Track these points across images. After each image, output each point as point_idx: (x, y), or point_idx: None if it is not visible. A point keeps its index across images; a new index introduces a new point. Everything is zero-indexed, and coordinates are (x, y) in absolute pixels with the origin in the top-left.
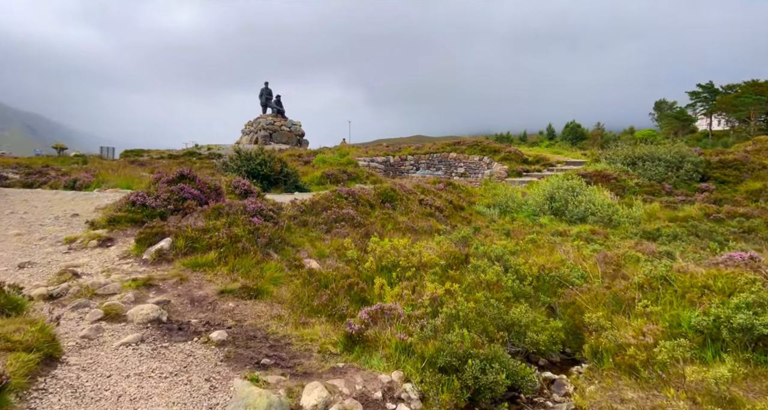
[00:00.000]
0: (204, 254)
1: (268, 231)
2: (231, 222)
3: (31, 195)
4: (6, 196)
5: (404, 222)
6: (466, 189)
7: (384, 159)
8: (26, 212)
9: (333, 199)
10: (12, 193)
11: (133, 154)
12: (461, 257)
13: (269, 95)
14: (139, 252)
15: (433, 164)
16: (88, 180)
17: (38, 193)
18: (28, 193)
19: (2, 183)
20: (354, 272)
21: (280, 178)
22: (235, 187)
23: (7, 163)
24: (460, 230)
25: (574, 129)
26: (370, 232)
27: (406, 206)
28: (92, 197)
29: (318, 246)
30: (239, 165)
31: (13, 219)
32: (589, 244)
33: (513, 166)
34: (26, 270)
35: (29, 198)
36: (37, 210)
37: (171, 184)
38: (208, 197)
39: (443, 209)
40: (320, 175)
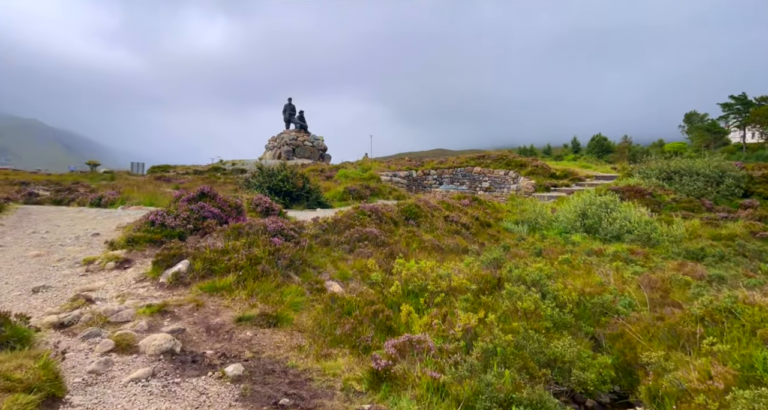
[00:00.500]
0: (222, 277)
1: (288, 252)
2: (251, 242)
3: (55, 213)
4: (30, 215)
5: (429, 241)
6: (492, 204)
7: (406, 173)
8: (48, 231)
9: (356, 216)
10: (36, 211)
11: (160, 169)
12: (493, 281)
13: (293, 111)
14: (156, 275)
15: (456, 178)
16: (113, 197)
17: (62, 211)
18: (51, 212)
19: (33, 200)
20: (379, 297)
21: (302, 194)
22: (257, 205)
23: (38, 180)
24: (491, 251)
25: (600, 142)
26: (394, 252)
27: (431, 223)
28: (115, 215)
29: (341, 267)
30: (261, 181)
31: (34, 239)
32: (629, 266)
33: (540, 180)
34: (40, 295)
35: (52, 217)
36: (58, 230)
37: (191, 203)
38: (228, 216)
39: (469, 226)
40: (342, 191)
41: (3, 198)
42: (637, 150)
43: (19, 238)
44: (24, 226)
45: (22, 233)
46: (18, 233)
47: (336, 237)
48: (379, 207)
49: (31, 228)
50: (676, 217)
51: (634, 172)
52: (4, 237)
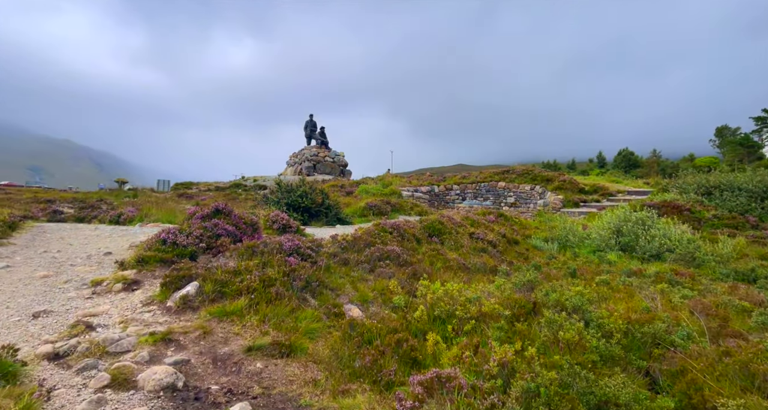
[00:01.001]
0: (233, 300)
1: (305, 273)
2: (265, 262)
3: (70, 232)
4: (44, 234)
5: (455, 260)
6: (519, 221)
7: (428, 189)
8: (60, 251)
9: (376, 233)
10: (52, 229)
11: (183, 186)
12: (528, 306)
13: (314, 127)
14: (164, 298)
15: (480, 194)
16: (131, 214)
17: (78, 229)
18: (67, 230)
19: (57, 217)
20: (402, 323)
21: (321, 210)
22: (273, 222)
23: (64, 198)
24: (522, 271)
25: (627, 156)
26: (417, 272)
27: (455, 240)
28: (130, 233)
29: (360, 288)
30: (280, 197)
31: (45, 259)
32: (676, 288)
33: (568, 195)
34: (40, 321)
35: (67, 235)
36: (71, 249)
37: (205, 220)
38: (243, 233)
39: (496, 244)
40: (363, 207)
41: (19, 216)
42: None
43: (29, 258)
44: (36, 245)
45: (33, 252)
46: (29, 252)
47: (356, 255)
48: (401, 223)
49: (43, 248)
50: (721, 235)
51: (670, 187)
52: (14, 257)
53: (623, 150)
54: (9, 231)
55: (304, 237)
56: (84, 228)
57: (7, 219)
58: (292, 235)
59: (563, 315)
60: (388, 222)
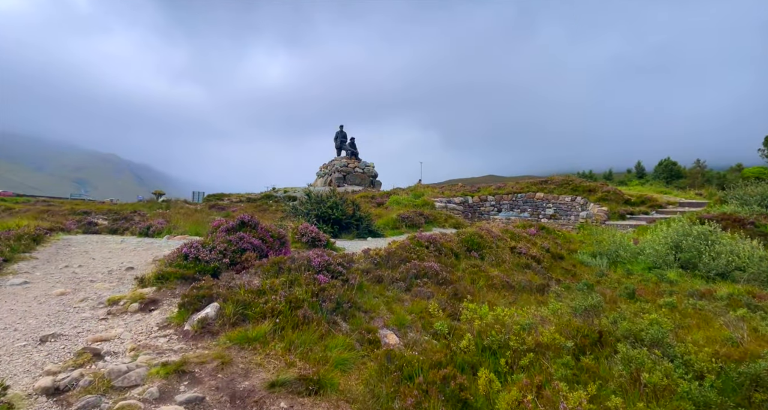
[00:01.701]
0: (256, 324)
1: (335, 293)
2: (292, 280)
3: (95, 245)
4: (69, 247)
5: (498, 277)
6: (562, 234)
7: (462, 199)
8: (81, 265)
9: (412, 247)
10: (78, 242)
11: (215, 198)
12: (593, 336)
13: (344, 138)
14: (181, 321)
15: (517, 205)
16: (160, 226)
17: (104, 242)
18: (92, 243)
19: (91, 229)
20: (446, 354)
21: (352, 222)
22: (302, 235)
23: (100, 210)
24: (584, 295)
25: (669, 166)
26: (458, 291)
27: (496, 255)
28: (155, 246)
29: (396, 310)
30: (309, 208)
31: (64, 275)
32: (757, 314)
33: (613, 207)
34: (47, 346)
35: (91, 248)
36: (93, 264)
37: (230, 233)
38: (270, 248)
39: (540, 259)
40: (395, 218)
41: (46, 228)
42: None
43: (48, 273)
44: (58, 260)
45: (53, 267)
46: (49, 267)
47: (390, 272)
48: (437, 237)
49: (65, 262)
50: None
51: (729, 198)
52: (34, 273)
53: (664, 160)
54: (33, 245)
55: (334, 251)
56: (110, 241)
57: (32, 233)
58: (321, 250)
59: (643, 352)
60: (423, 235)
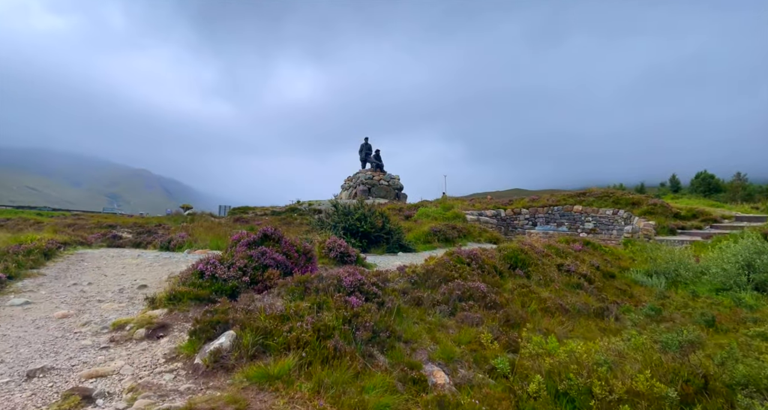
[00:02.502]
0: (279, 358)
1: (371, 319)
2: (320, 303)
3: (110, 260)
4: (81, 262)
5: (550, 299)
6: (609, 250)
7: (494, 212)
8: (90, 283)
9: (452, 265)
10: (92, 257)
11: (240, 211)
12: (697, 382)
13: (368, 150)
14: (192, 352)
15: (553, 218)
16: (181, 240)
17: (121, 256)
18: (107, 258)
19: (115, 243)
20: (511, 400)
21: (381, 235)
22: (330, 249)
23: (126, 223)
24: (683, 332)
25: (706, 179)
26: (510, 317)
27: (543, 273)
28: (173, 261)
29: (441, 340)
30: (336, 221)
31: (71, 294)
32: None
33: (661, 221)
34: (33, 384)
35: (105, 264)
36: (104, 281)
37: (251, 247)
38: (295, 264)
39: (591, 278)
40: (426, 232)
41: (60, 242)
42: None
43: (54, 292)
44: (68, 276)
45: (61, 285)
46: (56, 285)
47: (430, 293)
48: (479, 253)
49: (74, 279)
50: None
51: None
52: (39, 291)
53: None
54: (43, 260)
55: (365, 268)
56: (126, 256)
57: (43, 247)
58: (352, 267)
59: None
60: (463, 250)
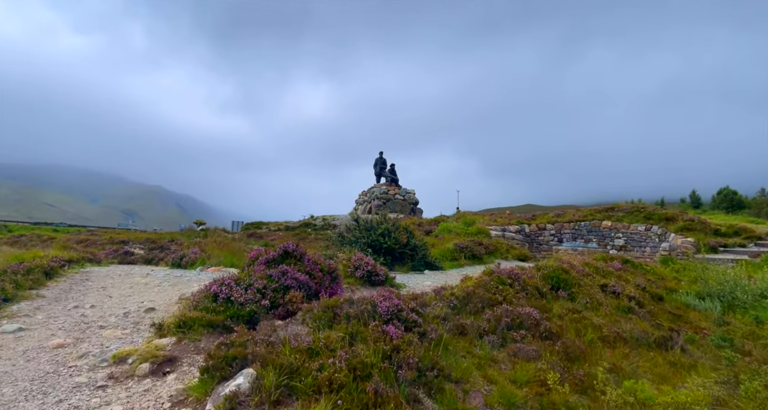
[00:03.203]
0: (308, 404)
1: (414, 354)
2: (353, 334)
3: (117, 279)
4: (86, 282)
5: (605, 326)
6: (651, 269)
7: (518, 228)
8: (93, 306)
9: (493, 286)
10: (97, 276)
11: (253, 226)
12: None
13: (383, 164)
14: (203, 394)
15: (580, 234)
16: (194, 256)
17: (128, 274)
18: (114, 276)
19: (127, 259)
20: None
21: (406, 251)
22: (355, 268)
23: (139, 239)
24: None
25: (729, 196)
26: (569, 349)
27: (589, 296)
28: (185, 280)
29: (496, 378)
30: (358, 236)
31: (71, 318)
32: None
33: (700, 238)
34: None
35: (110, 283)
36: (108, 303)
37: (270, 266)
38: (319, 285)
39: (640, 300)
40: (452, 248)
41: (64, 260)
42: None
43: (52, 316)
44: (69, 298)
45: (60, 308)
46: (56, 308)
47: (474, 320)
48: (519, 272)
49: (75, 301)
50: None
51: None
52: (35, 315)
53: (723, 188)
54: (44, 280)
55: (397, 289)
56: (135, 274)
57: (45, 265)
58: (387, 290)
59: None
60: (502, 270)
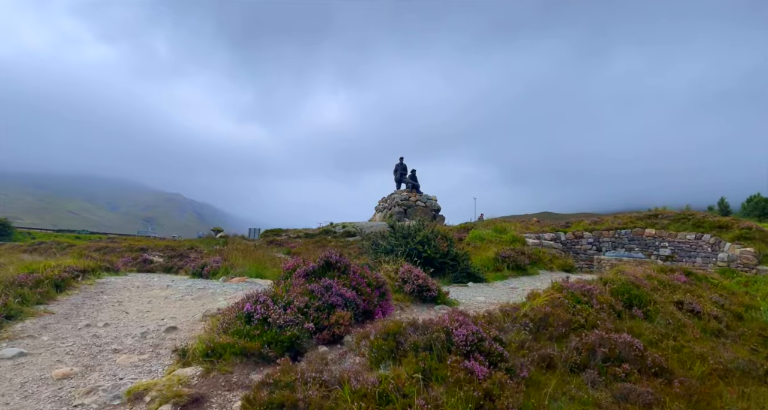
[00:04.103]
0: None
1: (511, 403)
2: (425, 370)
3: (134, 291)
4: (100, 295)
5: (708, 355)
6: (717, 282)
7: (553, 236)
8: (107, 324)
9: (569, 304)
10: (113, 288)
11: (272, 233)
12: None
13: (404, 170)
14: None
15: (620, 243)
16: (216, 265)
17: (147, 286)
18: (131, 288)
19: (146, 267)
20: None
21: (446, 261)
22: (404, 281)
23: (158, 246)
24: None
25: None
26: (692, 392)
27: (668, 314)
28: (209, 292)
29: None
30: (394, 244)
31: (81, 340)
32: None
33: (762, 248)
34: None
35: (128, 296)
36: (124, 320)
37: (310, 279)
38: (368, 302)
39: (729, 323)
40: (492, 257)
41: (77, 270)
42: None
43: (60, 337)
44: (81, 314)
45: (70, 327)
46: (64, 328)
47: (557, 348)
48: (592, 288)
49: (88, 319)
50: None
51: None
52: (41, 336)
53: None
54: (54, 293)
55: (448, 306)
56: (154, 286)
57: (55, 276)
58: (457, 312)
59: None
60: (573, 285)
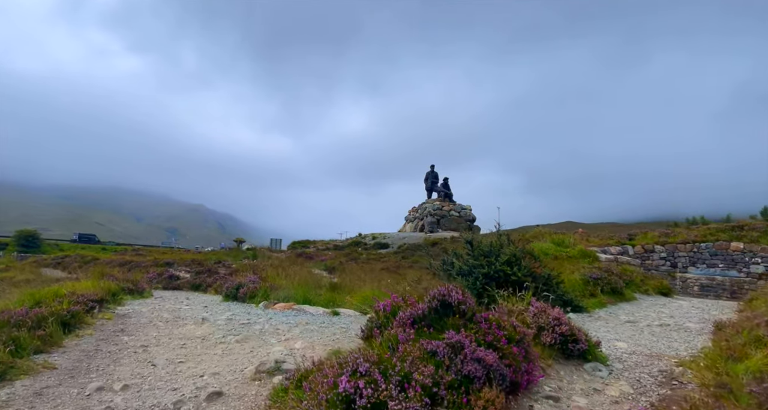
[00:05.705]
0: None
1: None
2: None
3: (161, 329)
4: (119, 336)
5: None
6: None
7: (620, 250)
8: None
9: None
10: (138, 322)
11: (300, 245)
12: None
13: (435, 178)
14: None
15: (701, 258)
16: (253, 287)
17: (178, 319)
18: (159, 324)
19: (172, 284)
20: None
21: (539, 286)
22: (539, 329)
23: (183, 260)
24: None
25: None
26: None
27: None
28: (254, 330)
29: None
30: (473, 264)
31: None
32: None
33: None
34: None
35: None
36: (151, 377)
37: (420, 330)
38: (515, 369)
39: None
40: (581, 280)
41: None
42: None
43: None
44: (92, 369)
45: (75, 393)
46: (67, 394)
47: None
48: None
49: (101, 377)
50: None
51: None
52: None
53: None
54: (60, 335)
55: (604, 364)
56: (186, 319)
57: (62, 311)
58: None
59: None
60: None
